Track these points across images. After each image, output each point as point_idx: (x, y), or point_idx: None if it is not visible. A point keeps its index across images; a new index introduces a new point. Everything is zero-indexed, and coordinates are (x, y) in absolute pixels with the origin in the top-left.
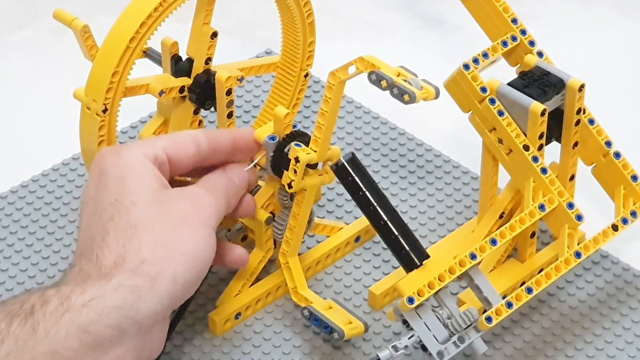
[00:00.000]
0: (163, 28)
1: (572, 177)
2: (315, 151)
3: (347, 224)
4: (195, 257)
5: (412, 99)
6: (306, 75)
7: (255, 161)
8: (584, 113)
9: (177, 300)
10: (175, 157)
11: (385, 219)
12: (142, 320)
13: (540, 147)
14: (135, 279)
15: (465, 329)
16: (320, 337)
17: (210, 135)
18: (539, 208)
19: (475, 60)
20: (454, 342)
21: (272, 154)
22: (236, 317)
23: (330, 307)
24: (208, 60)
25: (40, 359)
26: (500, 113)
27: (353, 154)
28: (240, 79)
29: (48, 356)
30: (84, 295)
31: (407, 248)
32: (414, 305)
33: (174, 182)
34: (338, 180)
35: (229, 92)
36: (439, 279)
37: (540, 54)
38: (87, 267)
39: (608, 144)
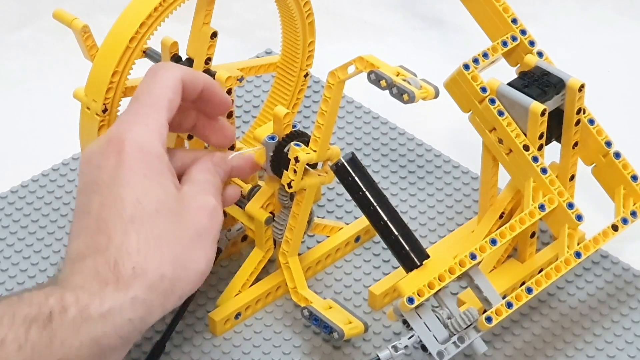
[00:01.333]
0: (163, 28)
1: (572, 177)
2: (314, 151)
3: (347, 224)
4: (203, 276)
5: (411, 99)
6: (306, 75)
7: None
8: (584, 113)
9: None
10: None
11: (385, 219)
12: (145, 330)
13: (540, 147)
14: (151, 293)
15: (465, 329)
16: (320, 337)
17: (189, 77)
18: (539, 208)
19: (475, 60)
20: (454, 342)
21: (271, 153)
22: (236, 317)
23: (330, 307)
24: (208, 60)
25: None
26: (500, 113)
27: (353, 154)
28: (240, 79)
29: None
30: (102, 307)
31: (407, 248)
32: (414, 305)
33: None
34: (338, 180)
35: (229, 92)
36: (439, 279)
37: (540, 54)
38: (104, 271)
39: (608, 144)
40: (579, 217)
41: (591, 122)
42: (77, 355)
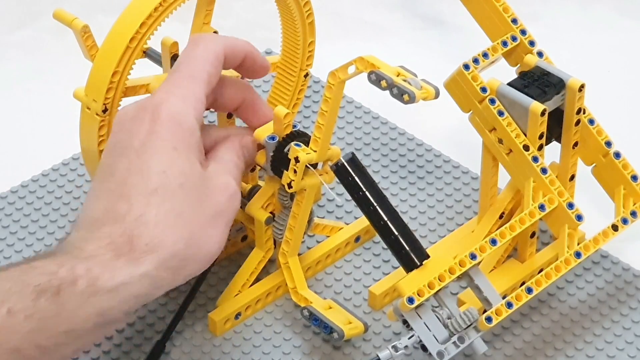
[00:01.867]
0: (163, 28)
1: (572, 177)
2: (315, 151)
3: (347, 224)
4: (213, 257)
5: (412, 99)
6: (306, 75)
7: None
8: (584, 113)
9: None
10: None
11: (385, 219)
12: (147, 304)
13: (540, 147)
14: (161, 270)
15: (465, 329)
16: (320, 337)
17: (231, 48)
18: (539, 208)
19: (475, 60)
20: (454, 342)
21: (271, 154)
22: (236, 317)
23: (330, 307)
24: None
25: (57, 337)
26: (500, 113)
27: (353, 154)
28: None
29: (64, 334)
30: (112, 281)
31: (407, 248)
32: (414, 305)
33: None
34: (338, 180)
35: None
36: (439, 279)
37: (540, 54)
38: (120, 241)
39: (608, 144)
40: (579, 217)
41: (591, 122)
42: (82, 326)
